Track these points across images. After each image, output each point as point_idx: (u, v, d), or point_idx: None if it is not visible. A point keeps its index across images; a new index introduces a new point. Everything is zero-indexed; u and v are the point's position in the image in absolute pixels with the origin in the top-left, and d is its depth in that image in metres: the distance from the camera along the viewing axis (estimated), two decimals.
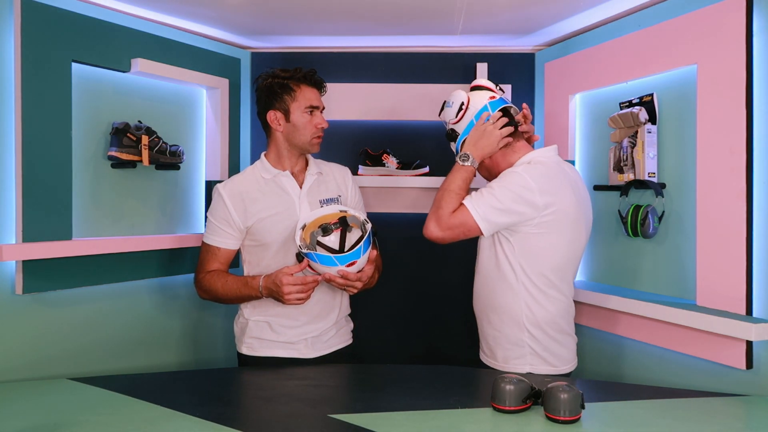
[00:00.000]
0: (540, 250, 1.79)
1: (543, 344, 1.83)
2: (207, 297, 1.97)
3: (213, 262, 1.96)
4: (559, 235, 1.79)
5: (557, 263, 1.81)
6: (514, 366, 1.85)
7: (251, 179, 1.98)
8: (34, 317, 1.93)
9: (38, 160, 1.86)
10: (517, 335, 1.84)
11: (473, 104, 1.89)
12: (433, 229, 1.80)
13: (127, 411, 1.49)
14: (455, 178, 1.84)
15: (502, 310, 1.85)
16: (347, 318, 2.11)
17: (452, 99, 1.91)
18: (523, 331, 1.83)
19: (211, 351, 2.55)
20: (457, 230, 1.79)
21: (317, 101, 1.96)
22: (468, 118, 1.89)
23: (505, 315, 1.85)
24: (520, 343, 1.84)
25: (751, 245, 1.72)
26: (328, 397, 1.66)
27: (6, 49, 1.84)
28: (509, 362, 1.86)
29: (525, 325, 1.83)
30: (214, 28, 2.44)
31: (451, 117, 1.91)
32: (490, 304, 1.89)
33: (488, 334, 1.92)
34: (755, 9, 1.72)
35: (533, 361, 1.84)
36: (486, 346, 1.95)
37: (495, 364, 1.89)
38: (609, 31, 2.25)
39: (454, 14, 2.24)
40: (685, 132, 1.95)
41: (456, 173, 1.84)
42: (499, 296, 1.85)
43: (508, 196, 1.75)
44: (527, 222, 1.76)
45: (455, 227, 1.78)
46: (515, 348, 1.85)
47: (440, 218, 1.79)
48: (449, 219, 1.78)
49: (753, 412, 1.58)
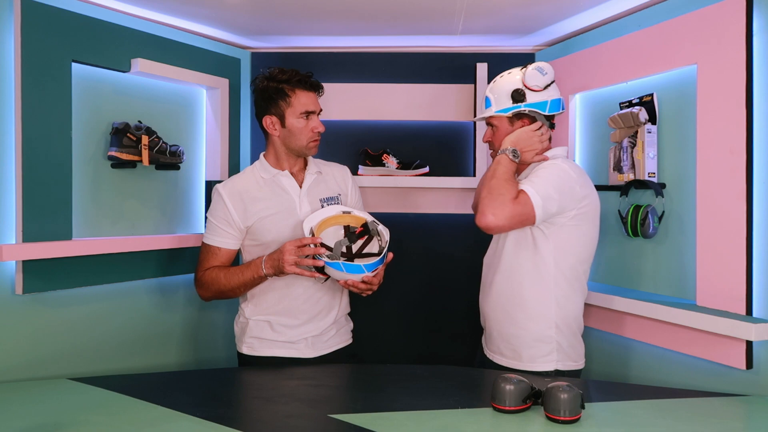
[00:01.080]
0: (573, 241, 1.82)
1: (569, 339, 1.86)
2: (208, 294, 1.95)
3: (213, 262, 1.95)
4: (590, 227, 1.85)
5: (585, 256, 1.86)
6: (542, 364, 1.84)
7: (251, 179, 1.98)
8: (34, 317, 1.93)
9: (38, 160, 1.86)
10: (545, 332, 1.83)
11: (553, 91, 1.90)
12: (492, 217, 1.71)
13: (127, 411, 1.49)
14: (506, 168, 1.79)
15: (530, 307, 1.84)
16: (347, 317, 2.11)
17: (548, 69, 1.88)
18: (551, 327, 1.83)
19: (211, 351, 2.55)
20: (517, 218, 1.73)
21: (313, 105, 1.95)
22: (544, 96, 1.88)
23: (533, 311, 1.84)
24: (548, 340, 1.84)
25: (751, 245, 1.72)
26: (328, 397, 1.66)
27: (6, 49, 1.84)
28: (536, 361, 1.84)
29: (554, 320, 1.83)
30: (214, 28, 2.44)
31: (537, 83, 1.86)
32: (516, 301, 1.86)
33: (510, 334, 1.88)
34: (755, 9, 1.72)
35: (560, 358, 1.85)
36: (505, 347, 1.90)
37: (518, 365, 1.85)
38: (609, 31, 2.25)
39: (454, 14, 2.24)
40: (685, 132, 1.95)
41: (505, 165, 1.79)
42: (527, 292, 1.84)
43: (556, 186, 1.75)
44: (567, 212, 1.78)
45: (517, 215, 1.72)
46: (542, 346, 1.84)
47: (502, 205, 1.71)
48: (513, 207, 1.71)
49: (753, 412, 1.59)
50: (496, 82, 1.94)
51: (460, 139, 2.76)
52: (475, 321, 2.06)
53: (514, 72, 1.93)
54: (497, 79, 1.95)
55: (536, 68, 1.88)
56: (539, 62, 1.90)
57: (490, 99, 1.94)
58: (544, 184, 1.75)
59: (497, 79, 1.95)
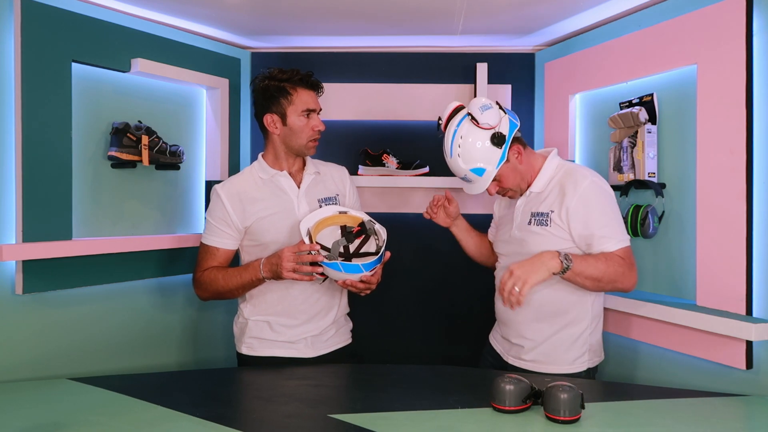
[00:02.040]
0: None
1: (596, 336, 1.89)
2: (206, 294, 1.95)
3: (211, 263, 1.95)
4: None
5: None
6: (579, 365, 1.85)
7: (249, 180, 1.98)
8: (34, 317, 1.93)
9: (38, 160, 1.86)
10: (581, 332, 1.85)
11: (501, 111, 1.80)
12: (633, 286, 1.76)
13: (127, 411, 1.49)
14: (586, 270, 1.69)
15: (571, 309, 1.83)
16: (346, 317, 2.11)
17: (487, 101, 1.77)
18: (587, 327, 1.86)
19: (210, 351, 2.55)
20: (635, 265, 1.78)
21: (314, 104, 1.95)
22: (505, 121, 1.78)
23: (574, 313, 1.84)
24: (582, 340, 1.85)
25: (751, 245, 1.72)
26: (327, 397, 1.66)
27: (6, 49, 1.84)
28: (574, 363, 1.85)
29: (590, 320, 1.86)
30: (214, 28, 2.44)
31: (495, 119, 1.75)
32: (557, 306, 1.83)
33: (546, 338, 1.85)
34: (755, 9, 1.72)
35: (591, 357, 1.88)
36: (538, 352, 1.86)
37: (553, 369, 1.84)
38: (609, 31, 2.25)
39: (454, 14, 2.24)
40: (685, 132, 1.95)
41: (580, 268, 1.69)
42: (569, 296, 1.82)
43: (616, 212, 1.79)
44: None
45: (634, 263, 1.77)
46: (578, 347, 1.85)
47: (629, 275, 1.73)
48: (632, 269, 1.75)
49: (753, 412, 1.58)
50: (464, 148, 1.77)
51: None
52: (475, 321, 2.06)
53: (464, 130, 1.77)
54: (460, 149, 1.77)
55: (480, 108, 1.75)
56: (474, 100, 1.78)
57: (481, 168, 1.79)
58: (616, 224, 1.76)
59: (457, 149, 1.78)
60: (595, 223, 1.74)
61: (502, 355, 1.98)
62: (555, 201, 1.79)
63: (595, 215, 1.75)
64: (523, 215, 1.88)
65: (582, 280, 1.70)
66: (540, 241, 1.79)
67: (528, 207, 1.87)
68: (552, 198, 1.81)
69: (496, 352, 2.01)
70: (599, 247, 1.73)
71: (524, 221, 1.86)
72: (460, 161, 1.80)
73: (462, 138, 1.78)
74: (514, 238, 1.89)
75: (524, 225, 1.86)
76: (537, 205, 1.84)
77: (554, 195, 1.81)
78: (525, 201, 1.89)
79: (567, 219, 1.76)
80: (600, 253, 1.73)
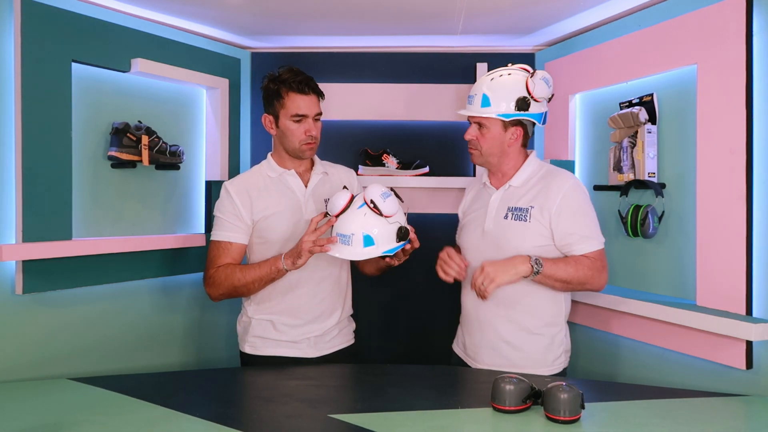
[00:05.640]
0: None
1: (568, 337, 1.93)
2: (219, 291, 1.91)
3: (225, 259, 1.92)
4: None
5: None
6: (559, 366, 1.89)
7: (258, 177, 2.00)
8: (34, 317, 1.93)
9: (38, 160, 1.86)
10: (556, 334, 1.88)
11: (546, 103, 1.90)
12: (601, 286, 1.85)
13: (127, 411, 1.49)
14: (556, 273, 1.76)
15: (544, 313, 1.86)
16: (349, 318, 2.12)
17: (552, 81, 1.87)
18: (562, 329, 1.90)
19: (213, 350, 2.55)
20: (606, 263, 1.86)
21: (306, 109, 1.92)
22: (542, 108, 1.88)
23: (548, 316, 1.87)
24: (558, 342, 1.89)
25: (751, 245, 1.72)
26: (328, 397, 1.66)
27: (6, 49, 1.84)
28: (554, 364, 1.88)
29: (563, 321, 1.90)
30: (214, 28, 2.43)
31: (543, 95, 1.85)
32: (530, 311, 1.85)
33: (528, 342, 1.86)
34: (755, 9, 1.72)
35: (566, 357, 1.92)
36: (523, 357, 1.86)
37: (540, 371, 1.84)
38: (609, 31, 2.25)
39: (454, 14, 2.24)
40: (685, 132, 1.95)
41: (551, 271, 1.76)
42: (539, 300, 1.85)
43: (592, 212, 1.86)
44: None
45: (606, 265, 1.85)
46: (555, 348, 1.88)
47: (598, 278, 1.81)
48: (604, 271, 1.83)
49: (753, 412, 1.59)
50: (497, 81, 1.83)
51: (460, 139, 2.71)
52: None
53: (516, 75, 1.83)
54: (497, 78, 1.84)
55: (544, 79, 1.83)
56: (544, 72, 1.85)
57: (488, 97, 1.83)
58: (595, 226, 1.84)
59: (496, 77, 1.84)
60: (578, 223, 1.81)
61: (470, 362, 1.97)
62: (537, 198, 1.83)
63: (579, 216, 1.82)
64: (498, 209, 1.89)
65: (552, 283, 1.78)
66: (517, 235, 1.82)
67: (504, 202, 1.88)
68: (532, 194, 1.84)
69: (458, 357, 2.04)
70: (579, 247, 1.80)
71: (500, 215, 1.88)
72: (487, 80, 1.86)
73: (510, 75, 1.84)
74: (488, 232, 1.89)
75: (500, 219, 1.87)
76: (516, 200, 1.86)
77: (535, 192, 1.84)
78: (501, 195, 1.90)
79: (550, 217, 1.80)
80: (570, 257, 1.81)
